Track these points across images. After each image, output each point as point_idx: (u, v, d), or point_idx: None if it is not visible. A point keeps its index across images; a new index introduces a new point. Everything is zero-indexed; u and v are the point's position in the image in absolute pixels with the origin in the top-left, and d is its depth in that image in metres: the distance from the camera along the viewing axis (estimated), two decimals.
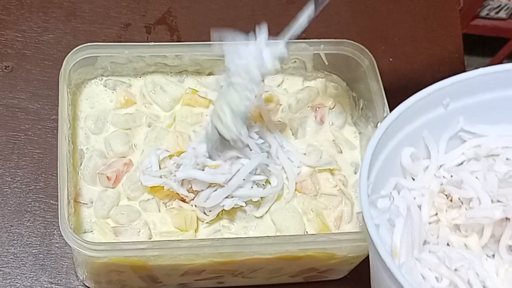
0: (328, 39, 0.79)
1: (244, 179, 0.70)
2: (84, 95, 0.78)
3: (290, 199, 0.73)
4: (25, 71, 0.86)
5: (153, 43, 0.78)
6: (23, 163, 0.80)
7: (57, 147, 0.70)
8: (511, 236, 0.60)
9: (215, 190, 0.70)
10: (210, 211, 0.71)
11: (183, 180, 0.71)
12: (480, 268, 0.59)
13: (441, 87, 0.63)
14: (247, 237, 0.71)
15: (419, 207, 0.62)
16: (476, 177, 0.62)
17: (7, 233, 0.76)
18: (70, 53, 0.74)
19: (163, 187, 0.71)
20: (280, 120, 0.78)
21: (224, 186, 0.70)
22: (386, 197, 0.62)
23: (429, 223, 0.62)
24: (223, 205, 0.70)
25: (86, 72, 0.77)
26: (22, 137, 0.81)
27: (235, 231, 0.72)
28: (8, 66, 0.86)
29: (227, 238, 0.70)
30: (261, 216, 0.72)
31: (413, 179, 0.64)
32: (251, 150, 0.71)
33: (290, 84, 0.81)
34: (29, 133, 0.82)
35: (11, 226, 0.76)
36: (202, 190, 0.70)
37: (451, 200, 0.63)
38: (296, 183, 0.74)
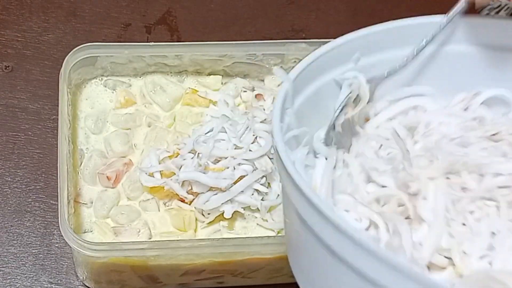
0: (328, 39, 0.79)
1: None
2: (84, 95, 0.78)
3: None
4: (25, 71, 0.86)
5: (153, 43, 0.78)
6: (23, 163, 0.80)
7: (57, 147, 0.70)
8: None
9: (215, 194, 0.70)
10: (208, 213, 0.71)
11: (183, 181, 0.70)
12: None
13: (348, 40, 0.60)
14: (247, 237, 0.71)
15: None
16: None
17: (7, 233, 0.76)
18: (70, 53, 0.74)
19: (163, 187, 0.71)
20: None
21: (225, 190, 0.70)
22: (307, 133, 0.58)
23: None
24: (222, 211, 0.70)
25: (86, 72, 0.77)
26: (22, 137, 0.81)
27: (235, 231, 0.72)
28: (8, 66, 0.86)
29: (227, 238, 0.70)
30: (261, 216, 0.72)
31: None
32: (249, 150, 0.72)
33: None
34: (29, 133, 0.82)
35: (11, 226, 0.76)
36: (202, 193, 0.70)
37: None
38: None
